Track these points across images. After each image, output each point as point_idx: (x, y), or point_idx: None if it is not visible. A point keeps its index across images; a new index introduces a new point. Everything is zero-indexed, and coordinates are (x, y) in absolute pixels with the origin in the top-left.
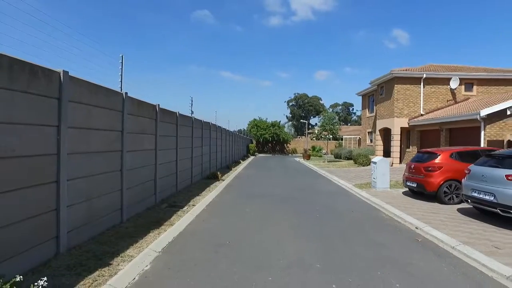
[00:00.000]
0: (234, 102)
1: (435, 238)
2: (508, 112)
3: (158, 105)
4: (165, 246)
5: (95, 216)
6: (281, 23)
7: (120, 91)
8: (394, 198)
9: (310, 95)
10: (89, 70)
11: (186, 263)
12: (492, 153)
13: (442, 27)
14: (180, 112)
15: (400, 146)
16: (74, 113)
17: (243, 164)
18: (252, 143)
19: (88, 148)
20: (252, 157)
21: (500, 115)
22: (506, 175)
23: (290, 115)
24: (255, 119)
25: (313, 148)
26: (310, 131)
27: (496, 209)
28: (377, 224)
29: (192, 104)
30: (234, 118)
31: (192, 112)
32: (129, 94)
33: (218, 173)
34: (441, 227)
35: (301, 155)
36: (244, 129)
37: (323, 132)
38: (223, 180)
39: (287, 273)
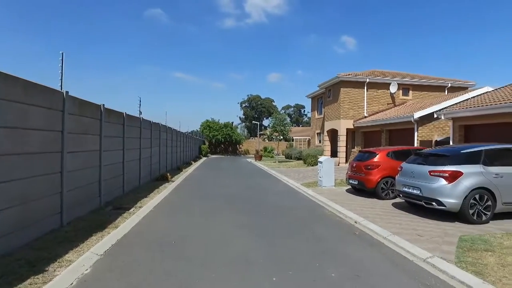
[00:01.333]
0: (186, 103)
1: (370, 231)
2: (435, 116)
3: (103, 105)
4: (108, 248)
5: (30, 220)
6: (235, 25)
7: (60, 90)
8: (338, 195)
9: (263, 97)
10: (30, 71)
11: (129, 264)
12: (420, 152)
13: (386, 35)
14: (127, 113)
15: (346, 146)
16: (6, 111)
17: (195, 165)
18: (204, 144)
19: (23, 149)
20: (204, 158)
21: (429, 118)
22: (429, 171)
23: (243, 116)
24: (207, 120)
25: (265, 149)
26: (262, 132)
27: (421, 201)
28: (321, 220)
29: (140, 104)
30: (187, 120)
31: (141, 113)
32: (71, 93)
33: (168, 174)
34: (376, 220)
35: (253, 156)
36: (197, 130)
37: (274, 133)
38: (173, 181)
39: (230, 269)
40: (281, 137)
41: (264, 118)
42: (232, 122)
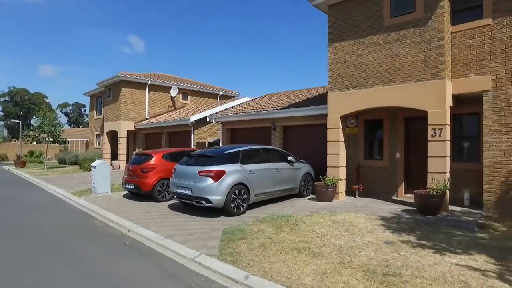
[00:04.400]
0: None
1: (143, 238)
2: (208, 119)
3: None
4: None
5: None
6: None
7: None
8: (113, 202)
9: (32, 91)
10: None
11: None
12: (191, 153)
13: (173, 40)
14: None
15: (128, 148)
16: None
17: None
18: None
19: None
20: None
21: (204, 122)
22: (198, 172)
23: (2, 113)
24: None
25: (31, 153)
26: (25, 133)
27: (193, 201)
28: (88, 234)
29: None
30: None
31: None
32: None
33: None
34: (150, 225)
35: (13, 162)
36: None
37: (42, 135)
38: None
39: None
40: (51, 139)
41: (34, 117)
42: None
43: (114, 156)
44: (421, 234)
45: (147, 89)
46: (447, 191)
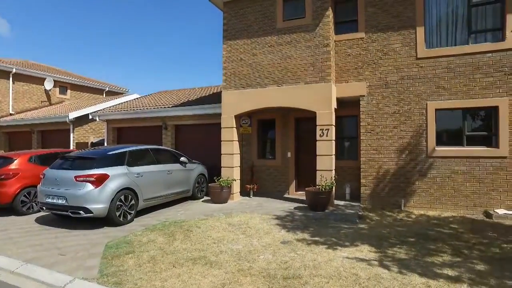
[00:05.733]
0: None
1: None
2: (90, 117)
3: None
4: None
5: None
6: None
7: None
8: None
9: None
10: None
11: None
12: (66, 155)
13: (47, 27)
14: None
15: None
16: None
17: None
18: None
19: None
20: None
21: (86, 119)
22: (75, 177)
23: None
24: None
25: None
26: None
27: (68, 211)
28: None
29: None
30: None
31: None
32: None
33: None
34: (7, 247)
35: None
36: None
37: None
38: None
39: None
40: None
41: None
42: None
43: None
44: (314, 230)
45: (11, 78)
46: (334, 188)
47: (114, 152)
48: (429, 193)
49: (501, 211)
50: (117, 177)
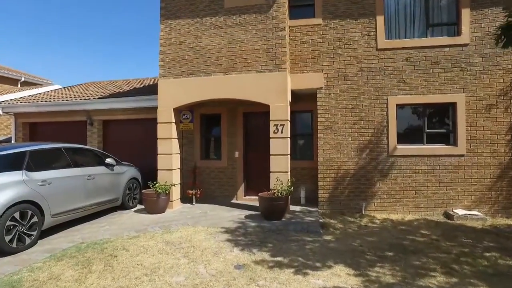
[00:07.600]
0: None
1: None
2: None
3: None
4: None
5: None
6: None
7: None
8: None
9: None
10: None
11: None
12: None
13: None
14: None
15: None
16: None
17: None
18: None
19: None
20: None
21: None
22: None
23: None
24: None
25: None
26: None
27: None
28: None
29: None
30: None
31: None
32: None
33: None
34: None
35: None
36: None
37: None
38: None
39: None
40: None
41: None
42: None
43: None
44: (274, 247)
45: None
46: (291, 192)
47: (4, 152)
48: (390, 194)
49: (460, 212)
50: (9, 186)
